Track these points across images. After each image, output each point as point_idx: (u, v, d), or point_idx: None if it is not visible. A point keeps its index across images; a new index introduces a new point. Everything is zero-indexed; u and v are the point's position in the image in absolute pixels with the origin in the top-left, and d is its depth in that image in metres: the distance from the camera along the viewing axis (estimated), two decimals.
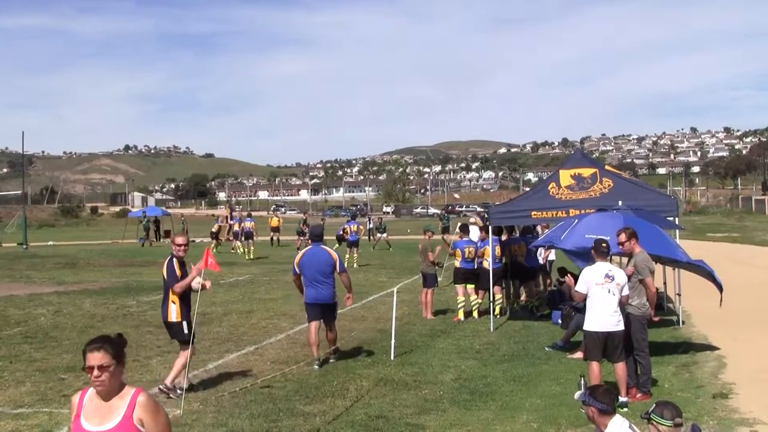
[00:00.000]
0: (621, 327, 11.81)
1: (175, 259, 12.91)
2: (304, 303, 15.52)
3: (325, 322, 15.45)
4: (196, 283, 12.91)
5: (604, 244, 12.06)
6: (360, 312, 21.66)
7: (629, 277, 12.26)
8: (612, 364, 11.93)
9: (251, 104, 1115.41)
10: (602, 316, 11.71)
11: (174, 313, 12.81)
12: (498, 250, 21.19)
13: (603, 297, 11.72)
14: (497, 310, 20.35)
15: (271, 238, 56.55)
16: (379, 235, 53.90)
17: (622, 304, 11.96)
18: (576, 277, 12.67)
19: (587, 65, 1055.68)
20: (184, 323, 12.81)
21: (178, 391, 12.67)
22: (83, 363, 5.34)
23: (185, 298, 12.91)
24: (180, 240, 13.19)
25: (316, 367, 14.84)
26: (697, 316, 19.81)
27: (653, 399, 11.14)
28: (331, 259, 15.18)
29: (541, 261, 23.82)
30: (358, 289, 24.98)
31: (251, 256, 44.47)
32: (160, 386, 12.73)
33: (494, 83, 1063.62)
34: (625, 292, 11.91)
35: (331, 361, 15.54)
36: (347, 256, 38.48)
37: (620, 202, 17.28)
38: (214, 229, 52.91)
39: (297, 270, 15.39)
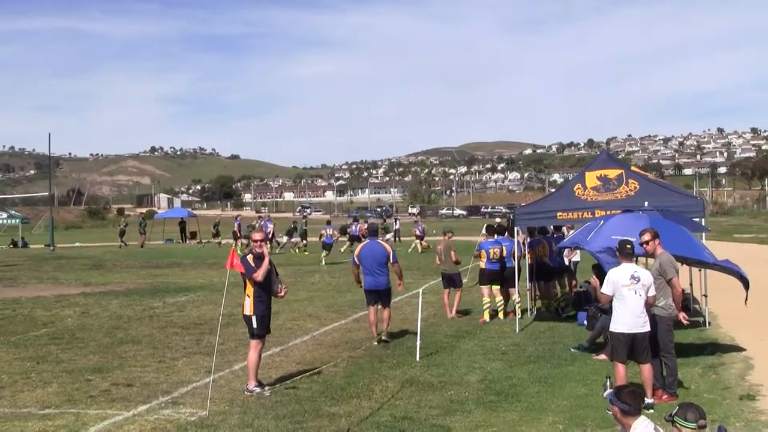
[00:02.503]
0: (647, 328, 11.77)
1: (250, 255, 13.39)
2: (364, 290, 17.98)
3: (382, 305, 17.85)
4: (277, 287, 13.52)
5: (628, 245, 12.02)
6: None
7: (653, 278, 12.21)
8: (638, 366, 11.89)
9: (277, 106, 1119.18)
10: (628, 317, 11.68)
11: (247, 307, 13.25)
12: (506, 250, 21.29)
13: (629, 298, 11.68)
14: (518, 311, 20.29)
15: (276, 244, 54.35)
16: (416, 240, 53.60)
17: (649, 305, 11.92)
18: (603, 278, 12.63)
19: (613, 66, 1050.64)
20: (254, 318, 13.17)
21: (266, 389, 12.95)
22: None
23: (260, 294, 13.24)
24: (256, 236, 13.75)
25: (375, 343, 17.19)
26: (724, 317, 19.69)
27: (679, 400, 11.09)
28: (386, 252, 17.77)
29: (566, 262, 23.75)
30: None
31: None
32: (247, 391, 12.90)
33: (520, 84, 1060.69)
34: (652, 293, 11.86)
35: (384, 338, 17.49)
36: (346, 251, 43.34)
37: (646, 203, 17.19)
38: (235, 229, 53.20)
39: (356, 261, 17.90)
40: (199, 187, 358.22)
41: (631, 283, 11.70)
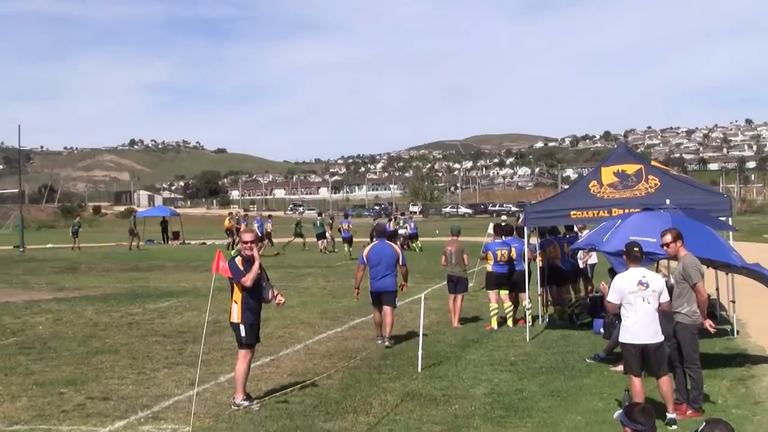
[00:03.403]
0: (659, 338, 11.68)
1: (239, 257, 13.28)
2: (370, 291, 18.64)
3: (385, 306, 18.52)
4: (269, 294, 13.50)
5: (636, 248, 11.94)
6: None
7: (676, 283, 12.17)
8: (655, 379, 11.84)
9: (267, 95, 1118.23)
10: (638, 327, 11.61)
11: (235, 314, 13.19)
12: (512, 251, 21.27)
13: (637, 306, 11.61)
14: (529, 318, 20.26)
15: (231, 243, 53.87)
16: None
17: (664, 312, 11.87)
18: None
19: (632, 52, 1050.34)
20: (242, 326, 13.11)
21: (255, 402, 12.96)
22: None
23: (249, 300, 13.18)
24: (247, 237, 13.57)
25: (379, 342, 18.32)
26: (754, 326, 19.69)
27: (705, 416, 11.07)
28: (395, 254, 18.77)
29: (581, 264, 23.74)
30: None
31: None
32: (234, 405, 12.88)
33: (530, 72, 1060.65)
34: (664, 298, 11.78)
35: (386, 344, 18.13)
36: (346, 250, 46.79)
37: (668, 201, 17.17)
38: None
39: (365, 261, 18.80)
40: (182, 183, 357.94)
41: (639, 289, 11.62)
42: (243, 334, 13.11)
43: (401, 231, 53.94)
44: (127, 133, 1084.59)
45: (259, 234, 48.34)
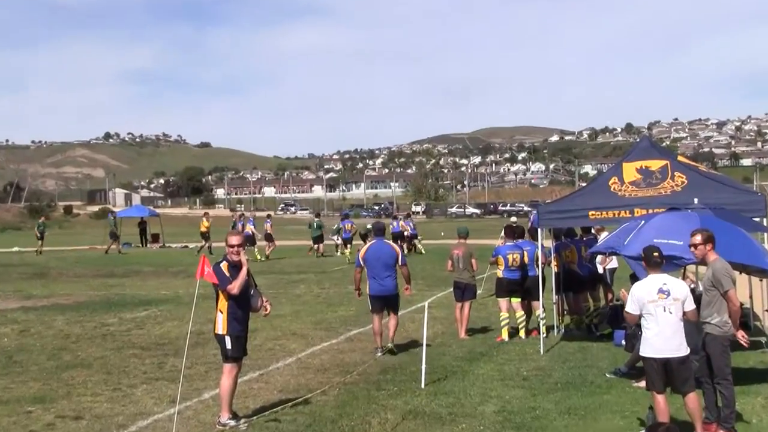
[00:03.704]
0: (683, 351, 11.62)
1: (224, 263, 13.18)
2: (369, 295, 18.95)
3: (389, 311, 19.11)
4: (257, 302, 13.46)
5: (656, 253, 11.90)
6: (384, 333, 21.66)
7: (705, 290, 12.13)
8: (681, 396, 11.80)
9: (256, 85, 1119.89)
10: (659, 339, 11.56)
11: (220, 325, 13.13)
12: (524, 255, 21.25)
13: (658, 317, 11.55)
14: (543, 329, 20.24)
15: (203, 247, 52.72)
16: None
17: (691, 322, 11.84)
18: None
19: (657, 36, 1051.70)
20: (228, 338, 13.06)
21: (242, 422, 12.94)
22: None
23: (236, 309, 13.13)
24: (233, 240, 13.37)
25: (379, 354, 18.52)
26: None
27: None
28: (395, 253, 19.12)
29: (599, 270, 23.72)
30: None
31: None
32: (219, 424, 12.89)
33: (544, 59, 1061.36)
34: (689, 307, 11.73)
35: (389, 345, 18.64)
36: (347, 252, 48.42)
37: (696, 200, 17.16)
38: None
39: (361, 263, 19.23)
40: (162, 180, 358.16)
41: (660, 298, 11.58)
42: (229, 346, 13.05)
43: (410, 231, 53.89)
44: (101, 125, 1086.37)
45: (251, 235, 48.74)
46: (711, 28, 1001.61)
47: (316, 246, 52.28)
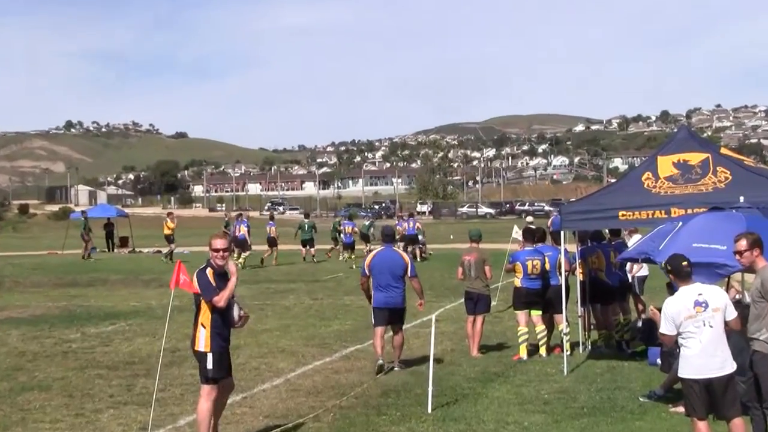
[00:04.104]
0: (728, 370, 11.55)
1: (209, 269, 13.04)
2: (372, 307, 19.26)
3: (393, 326, 19.38)
4: (236, 313, 13.26)
5: (684, 263, 11.79)
6: (386, 347, 21.66)
7: (753, 302, 12.11)
8: (726, 422, 11.78)
9: (240, 67, 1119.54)
10: (700, 358, 11.51)
11: (202, 341, 13.00)
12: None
13: (699, 333, 11.50)
14: (567, 345, 20.24)
15: (169, 253, 54.22)
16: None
17: (734, 335, 11.79)
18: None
19: (696, 13, 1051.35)
20: (210, 356, 12.96)
21: None
22: None
23: (219, 323, 13.05)
24: (218, 243, 13.22)
25: (380, 362, 18.78)
26: None
27: None
28: (404, 263, 19.29)
29: (629, 278, 23.69)
30: None
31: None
32: None
33: (567, 37, 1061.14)
34: (731, 315, 11.68)
35: (396, 369, 18.98)
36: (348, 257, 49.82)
37: (741, 199, 17.14)
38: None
39: (367, 272, 19.36)
40: (131, 176, 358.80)
41: (698, 311, 11.53)
42: (210, 366, 12.94)
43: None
44: (62, 113, 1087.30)
45: (246, 240, 48.76)
46: (757, 3, 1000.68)
47: (307, 249, 52.29)
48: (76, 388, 18.06)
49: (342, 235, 51.23)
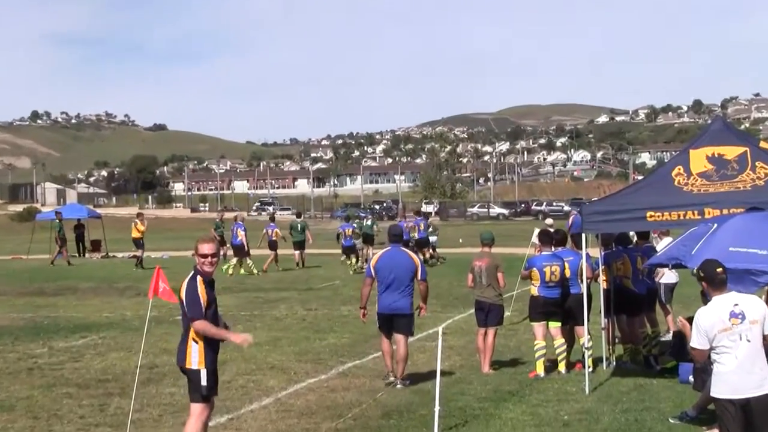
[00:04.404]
0: (767, 389, 11.55)
1: (199, 278, 12.96)
2: (377, 313, 19.65)
3: (397, 336, 19.55)
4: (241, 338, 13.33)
5: (719, 269, 11.75)
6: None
7: None
8: None
9: (224, 51, 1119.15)
10: (736, 375, 11.48)
11: (195, 356, 12.93)
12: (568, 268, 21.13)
13: (733, 347, 11.46)
14: (589, 361, 20.22)
15: (138, 260, 54.71)
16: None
17: None
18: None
19: None
20: (203, 372, 12.91)
21: None
22: None
23: (211, 338, 13.01)
24: (206, 248, 13.13)
25: (391, 379, 19.38)
26: None
27: None
28: (413, 265, 19.65)
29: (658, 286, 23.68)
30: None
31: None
32: None
33: (590, 18, 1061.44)
34: None
35: (399, 386, 19.08)
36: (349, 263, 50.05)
37: None
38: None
39: (372, 273, 19.72)
40: (104, 173, 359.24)
41: (734, 323, 11.50)
42: (204, 382, 12.87)
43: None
44: (27, 103, 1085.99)
45: (244, 245, 48.73)
46: None
47: (298, 253, 52.23)
48: (42, 408, 18.06)
49: (342, 239, 51.00)
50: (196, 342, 12.85)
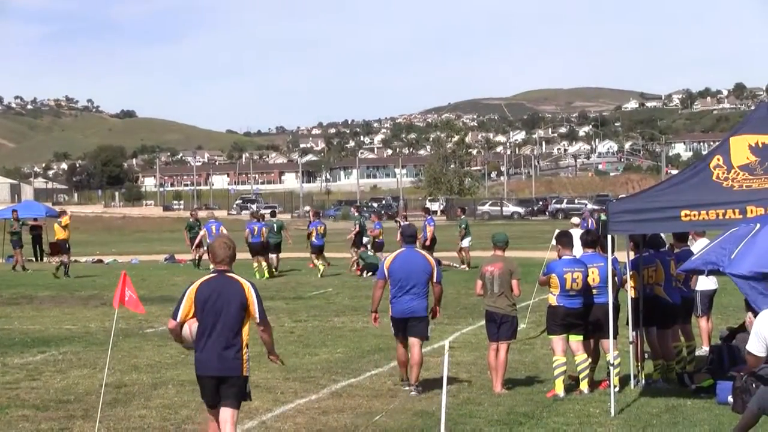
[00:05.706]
0: None
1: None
2: (390, 317, 20.62)
3: (411, 339, 20.48)
4: (187, 332, 13.73)
5: None
6: (387, 381, 21.70)
7: None
8: None
9: (200, 28, 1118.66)
10: None
11: (248, 364, 13.91)
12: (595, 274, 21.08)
13: None
14: (615, 379, 20.24)
15: (62, 264, 53.72)
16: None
17: None
18: None
19: None
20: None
21: None
22: None
23: None
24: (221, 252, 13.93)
25: (406, 389, 20.53)
26: None
27: None
28: (429, 266, 20.66)
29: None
30: (379, 342, 25.09)
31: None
32: None
33: None
34: None
35: (413, 393, 20.16)
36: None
37: None
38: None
39: (386, 275, 20.69)
40: (65, 165, 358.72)
41: None
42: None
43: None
44: None
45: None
46: None
47: (274, 256, 52.05)
48: None
49: (314, 237, 50.43)
50: (247, 347, 13.64)
